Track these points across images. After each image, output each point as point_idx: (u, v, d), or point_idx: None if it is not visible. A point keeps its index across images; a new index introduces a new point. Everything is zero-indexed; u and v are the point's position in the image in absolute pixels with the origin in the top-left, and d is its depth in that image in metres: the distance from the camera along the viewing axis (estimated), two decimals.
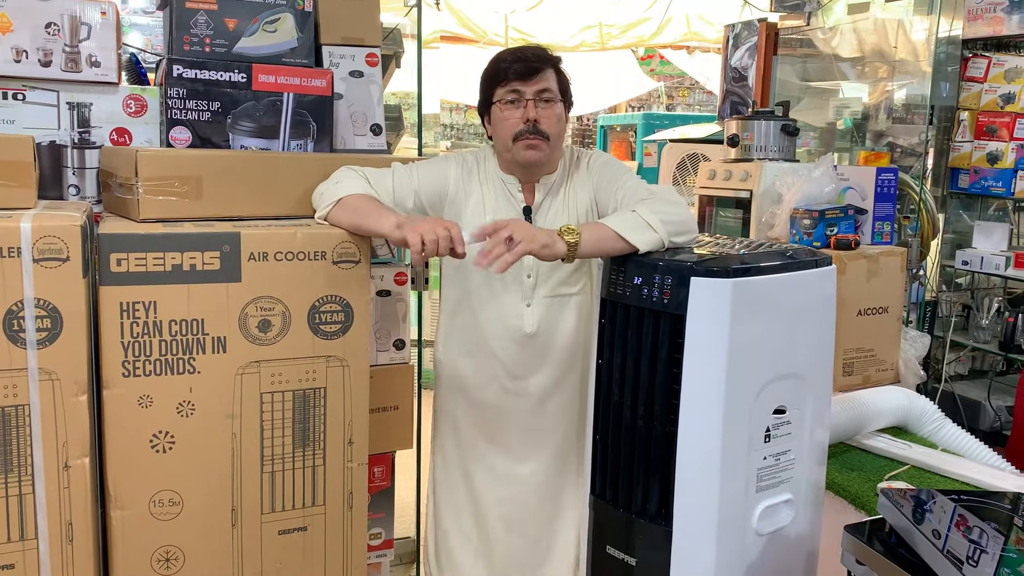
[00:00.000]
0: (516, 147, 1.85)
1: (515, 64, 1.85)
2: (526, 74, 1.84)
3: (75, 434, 1.57)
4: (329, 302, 1.76)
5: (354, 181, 1.81)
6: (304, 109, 2.06)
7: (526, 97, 1.84)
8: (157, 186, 1.71)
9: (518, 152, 1.86)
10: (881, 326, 2.56)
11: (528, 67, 1.84)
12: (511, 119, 1.85)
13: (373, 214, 1.72)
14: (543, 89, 1.85)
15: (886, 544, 1.51)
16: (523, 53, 1.88)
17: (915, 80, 3.59)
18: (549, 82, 1.86)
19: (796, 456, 1.72)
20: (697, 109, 8.30)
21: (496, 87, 1.87)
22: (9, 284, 1.49)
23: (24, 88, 1.92)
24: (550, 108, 1.86)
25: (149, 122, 2.03)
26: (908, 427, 2.44)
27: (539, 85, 1.85)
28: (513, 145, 1.86)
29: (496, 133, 1.91)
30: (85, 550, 1.61)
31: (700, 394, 1.59)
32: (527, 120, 1.83)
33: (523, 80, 1.84)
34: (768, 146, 2.89)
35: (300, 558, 1.80)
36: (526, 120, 1.83)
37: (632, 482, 1.69)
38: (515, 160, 1.88)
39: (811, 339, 1.73)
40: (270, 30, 2.08)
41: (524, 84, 1.84)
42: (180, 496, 1.68)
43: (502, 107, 1.86)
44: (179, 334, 1.64)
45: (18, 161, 1.64)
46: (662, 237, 1.67)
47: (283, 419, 1.74)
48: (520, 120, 1.84)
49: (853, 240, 2.51)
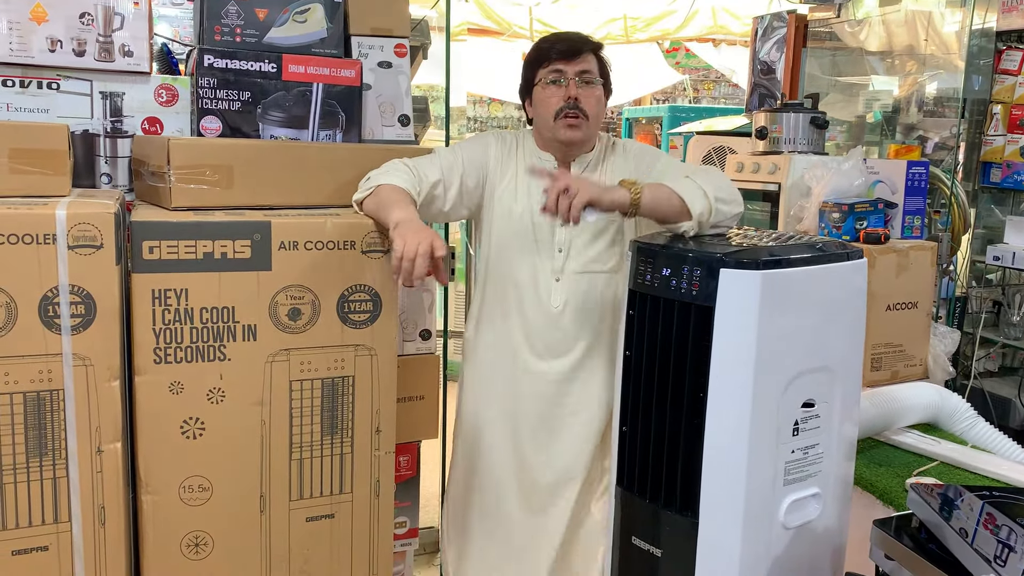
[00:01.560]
0: (556, 125, 1.88)
1: (558, 44, 1.90)
2: (568, 54, 1.88)
3: (107, 419, 1.60)
4: (358, 291, 1.77)
5: (398, 174, 1.81)
6: (333, 99, 2.07)
7: (568, 77, 1.88)
8: (189, 175, 1.73)
9: (558, 130, 1.89)
10: (910, 321, 2.53)
11: (571, 47, 1.89)
12: (553, 97, 1.88)
13: (388, 207, 1.72)
14: (584, 70, 1.89)
15: (915, 540, 1.49)
16: (566, 35, 1.95)
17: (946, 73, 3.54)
18: (590, 64, 1.91)
19: (824, 450, 1.71)
20: (723, 102, 8.24)
21: (539, 68, 1.92)
22: (45, 270, 1.52)
23: (58, 78, 1.94)
24: (591, 89, 1.90)
25: (180, 111, 2.05)
26: (939, 424, 2.41)
27: (581, 66, 1.89)
28: (554, 123, 1.89)
29: (537, 112, 1.94)
30: (117, 533, 1.63)
31: (728, 386, 1.58)
32: (568, 98, 1.87)
33: (565, 60, 1.88)
34: (797, 139, 2.86)
35: (327, 545, 1.81)
36: (567, 98, 1.87)
37: (659, 473, 1.69)
38: (555, 138, 1.91)
39: (841, 332, 1.71)
40: (300, 20, 2.09)
41: (566, 64, 1.88)
42: (210, 482, 1.70)
43: (544, 86, 1.90)
44: (210, 322, 1.66)
45: (53, 150, 1.66)
46: (711, 203, 1.72)
47: (312, 407, 1.76)
48: (561, 99, 1.87)
49: (883, 234, 2.49)
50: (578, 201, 1.62)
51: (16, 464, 1.55)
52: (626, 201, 1.68)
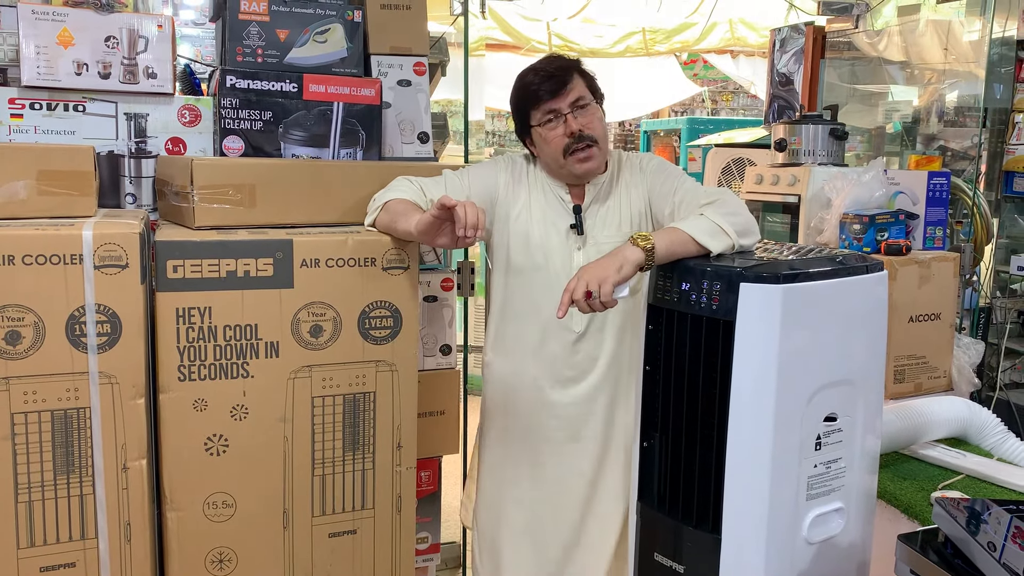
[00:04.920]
0: (569, 162, 1.85)
1: (544, 84, 1.84)
2: (557, 90, 1.83)
3: (133, 436, 1.62)
4: (379, 308, 1.78)
5: (404, 189, 1.83)
6: (353, 118, 2.09)
7: (563, 112, 1.83)
8: (212, 194, 1.75)
9: (572, 166, 1.85)
10: (933, 333, 2.51)
11: (557, 83, 1.84)
12: (556, 137, 1.84)
13: (403, 215, 1.74)
14: (577, 99, 1.84)
15: (941, 554, 1.48)
16: (546, 69, 1.86)
17: (967, 82, 3.52)
18: (580, 89, 1.86)
19: (847, 464, 1.70)
20: (741, 113, 8.23)
21: (531, 110, 1.87)
22: (72, 290, 1.54)
23: (84, 100, 1.97)
24: (589, 113, 1.86)
25: (203, 132, 2.08)
26: (968, 439, 2.38)
27: (572, 96, 1.84)
28: (565, 161, 1.85)
29: (544, 152, 1.90)
30: (142, 550, 1.65)
31: (750, 401, 1.57)
32: (571, 133, 1.83)
33: (555, 97, 1.83)
34: (816, 150, 2.85)
35: (350, 561, 1.82)
36: (570, 134, 1.83)
37: (680, 489, 1.68)
38: (571, 174, 1.88)
39: (862, 346, 1.70)
40: (320, 40, 2.12)
41: (557, 100, 1.83)
42: (233, 498, 1.71)
43: (543, 128, 1.86)
44: (233, 339, 1.68)
45: (80, 171, 1.69)
46: (733, 241, 1.68)
47: (334, 423, 1.77)
48: (564, 135, 1.83)
49: (904, 245, 2.47)
50: (605, 296, 1.58)
51: (44, 481, 1.57)
52: (641, 260, 1.63)
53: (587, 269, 1.63)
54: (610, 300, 1.60)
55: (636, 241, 1.64)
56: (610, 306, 1.61)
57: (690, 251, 1.67)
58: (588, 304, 1.59)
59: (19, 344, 1.53)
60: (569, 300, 1.59)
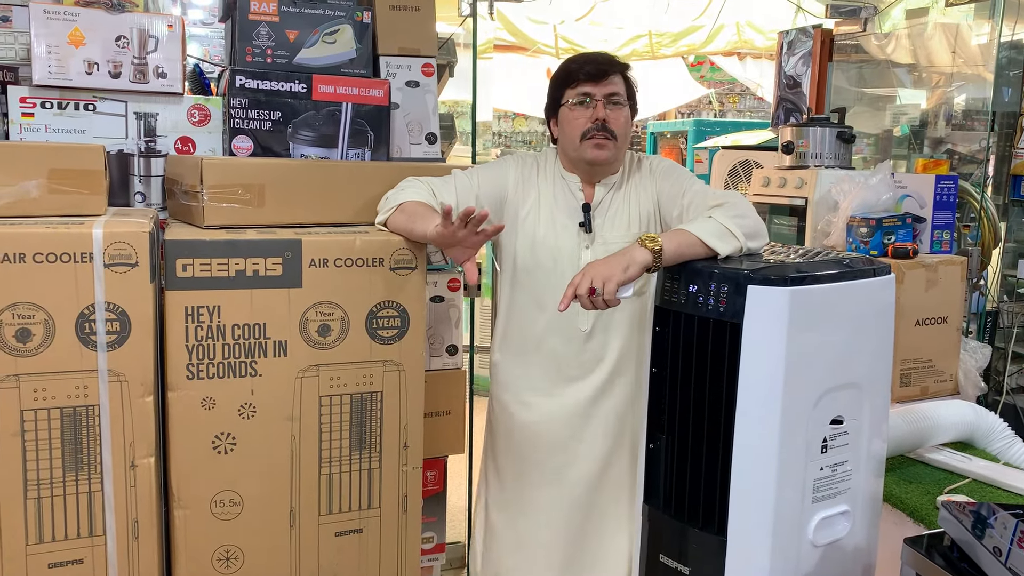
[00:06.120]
0: (584, 146, 1.87)
1: (586, 66, 1.89)
2: (596, 76, 1.88)
3: (141, 434, 1.63)
4: (386, 307, 1.79)
5: (417, 189, 1.84)
6: (362, 118, 2.10)
7: (596, 99, 1.87)
8: (221, 194, 1.76)
9: (586, 151, 1.87)
10: (940, 336, 2.51)
11: (599, 69, 1.88)
12: (580, 118, 1.87)
13: (421, 219, 1.76)
14: (612, 92, 1.88)
15: (947, 558, 1.48)
16: (593, 57, 1.93)
17: (975, 85, 3.51)
18: (618, 86, 1.90)
19: (853, 467, 1.70)
20: (748, 115, 8.22)
21: (566, 88, 1.91)
22: (82, 288, 1.55)
23: (95, 99, 1.98)
24: (618, 110, 1.89)
25: (212, 131, 2.09)
26: (974, 443, 2.38)
27: (609, 88, 1.88)
28: (581, 144, 1.88)
29: (564, 132, 1.93)
30: (150, 547, 1.66)
31: (756, 403, 1.58)
32: (596, 119, 1.86)
33: (593, 82, 1.87)
34: (824, 153, 2.85)
35: (356, 559, 1.82)
36: (595, 119, 1.86)
37: (686, 491, 1.68)
38: (582, 158, 1.90)
39: (869, 349, 1.71)
40: (329, 41, 2.13)
41: (594, 86, 1.87)
42: (240, 496, 1.72)
43: (571, 108, 1.89)
44: (242, 338, 1.68)
45: (90, 170, 1.70)
46: (741, 243, 1.69)
47: (341, 422, 1.77)
48: (588, 120, 1.86)
49: (911, 249, 2.47)
50: (609, 294, 1.60)
51: (53, 478, 1.58)
52: (648, 261, 1.64)
53: (593, 266, 1.65)
54: (613, 299, 1.61)
55: (644, 243, 1.65)
56: (613, 305, 1.62)
57: (698, 253, 1.68)
58: (591, 301, 1.60)
59: (29, 342, 1.54)
60: (572, 294, 1.61)
